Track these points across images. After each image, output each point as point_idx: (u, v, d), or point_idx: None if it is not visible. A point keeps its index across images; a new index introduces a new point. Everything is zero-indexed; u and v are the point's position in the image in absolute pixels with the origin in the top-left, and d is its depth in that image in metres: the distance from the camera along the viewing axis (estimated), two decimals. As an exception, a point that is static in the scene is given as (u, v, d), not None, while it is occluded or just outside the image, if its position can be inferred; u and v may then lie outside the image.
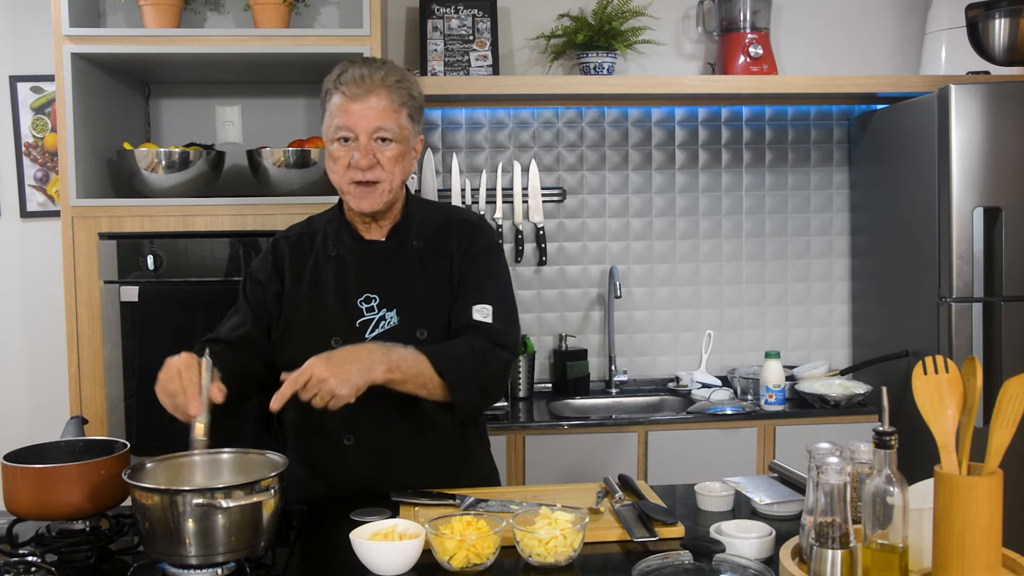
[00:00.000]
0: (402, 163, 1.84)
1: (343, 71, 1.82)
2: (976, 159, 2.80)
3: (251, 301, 1.94)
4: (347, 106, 1.79)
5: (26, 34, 3.13)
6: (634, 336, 3.44)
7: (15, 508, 1.56)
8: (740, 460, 2.93)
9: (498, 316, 1.86)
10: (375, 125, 1.80)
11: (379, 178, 1.82)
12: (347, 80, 1.80)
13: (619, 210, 3.41)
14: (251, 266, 2.01)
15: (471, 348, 1.80)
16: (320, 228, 1.97)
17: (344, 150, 1.81)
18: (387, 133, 1.81)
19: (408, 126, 1.85)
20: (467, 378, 1.77)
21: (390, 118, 1.80)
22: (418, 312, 1.87)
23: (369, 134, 1.80)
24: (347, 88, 1.80)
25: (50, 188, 3.18)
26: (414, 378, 1.72)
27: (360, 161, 1.79)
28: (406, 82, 1.84)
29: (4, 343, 3.21)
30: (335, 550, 1.54)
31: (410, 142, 1.87)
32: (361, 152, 1.79)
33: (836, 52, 3.47)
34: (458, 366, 1.76)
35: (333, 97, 1.82)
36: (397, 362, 1.69)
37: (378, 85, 1.80)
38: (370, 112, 1.79)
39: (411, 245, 1.92)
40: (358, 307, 1.87)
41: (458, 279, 1.89)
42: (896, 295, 3.16)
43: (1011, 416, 1.23)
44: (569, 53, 3.27)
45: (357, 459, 1.86)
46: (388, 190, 1.84)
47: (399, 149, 1.83)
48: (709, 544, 1.40)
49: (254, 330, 1.91)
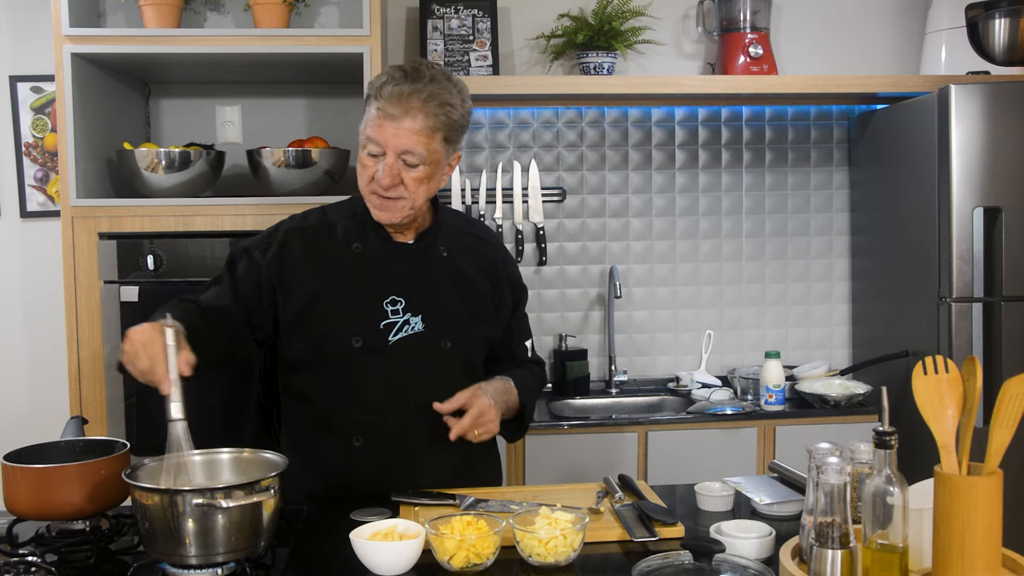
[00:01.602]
0: (428, 184, 1.79)
1: (386, 81, 1.74)
2: (976, 159, 2.80)
3: (239, 278, 1.85)
4: (381, 122, 1.73)
5: (26, 34, 3.13)
6: (634, 336, 3.44)
7: (15, 508, 1.56)
8: (740, 460, 2.93)
9: (533, 348, 2.11)
10: (404, 148, 1.73)
11: (401, 195, 1.78)
12: (387, 95, 1.72)
13: (619, 210, 3.41)
14: (247, 242, 1.91)
15: (536, 380, 2.06)
16: (339, 221, 1.90)
17: (372, 161, 1.77)
18: (415, 159, 1.74)
19: (440, 149, 1.78)
20: (534, 406, 2.05)
21: (420, 143, 1.74)
22: (444, 322, 1.86)
23: (397, 154, 1.74)
24: (384, 103, 1.73)
25: (50, 188, 3.18)
26: (512, 410, 1.93)
27: (383, 179, 1.75)
28: (447, 105, 1.75)
29: (4, 343, 3.21)
30: (335, 550, 1.54)
31: (441, 163, 1.80)
32: (385, 170, 1.74)
33: (836, 52, 3.47)
34: (532, 396, 2.01)
35: (371, 106, 1.76)
36: (507, 398, 1.89)
37: (415, 107, 1.72)
38: (402, 133, 1.72)
39: (439, 252, 1.90)
40: (383, 308, 1.84)
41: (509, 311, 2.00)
42: (896, 295, 3.16)
43: (1011, 416, 1.23)
44: (569, 53, 3.27)
45: (363, 461, 1.85)
46: (410, 207, 1.80)
47: (426, 172, 1.77)
48: (709, 544, 1.40)
49: (232, 307, 1.83)
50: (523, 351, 2.06)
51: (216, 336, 1.77)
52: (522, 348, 2.06)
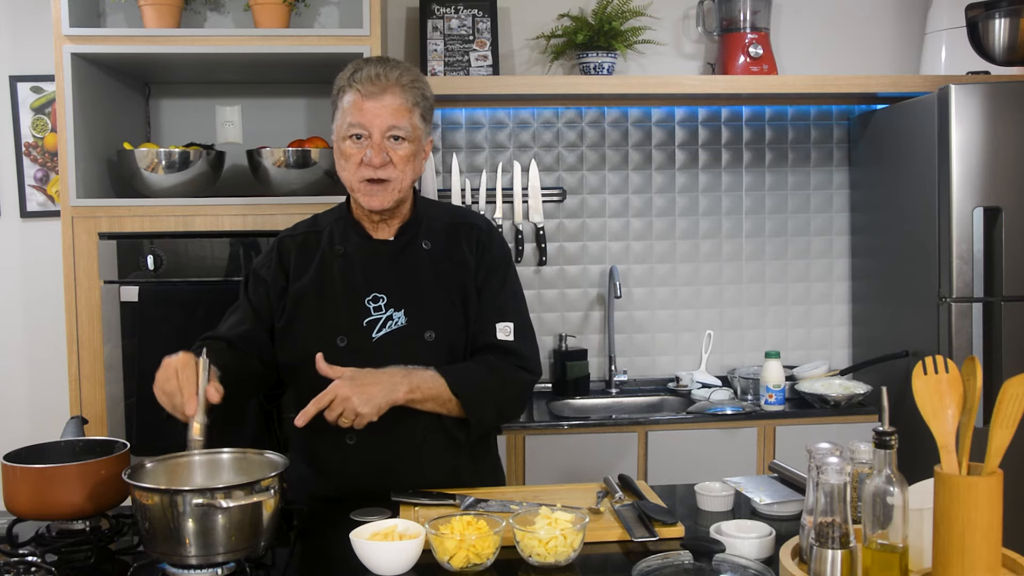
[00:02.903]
0: (413, 163, 1.85)
1: (357, 69, 1.82)
2: (976, 159, 2.80)
3: (253, 299, 1.93)
4: (361, 104, 1.80)
5: (26, 34, 3.13)
6: (634, 336, 3.44)
7: (15, 508, 1.56)
8: (740, 460, 2.93)
9: (519, 336, 1.91)
10: (389, 123, 1.80)
11: (391, 176, 1.82)
12: (362, 78, 1.80)
13: (619, 210, 3.41)
14: (254, 263, 2.01)
15: (491, 369, 1.86)
16: (326, 226, 1.96)
17: (356, 147, 1.82)
18: (400, 132, 1.81)
19: (420, 126, 1.86)
20: (484, 399, 1.83)
21: (404, 117, 1.81)
22: (427, 313, 1.87)
23: (383, 132, 1.80)
24: (362, 86, 1.80)
25: (50, 188, 3.18)
26: (433, 399, 1.79)
27: (373, 159, 1.80)
28: (420, 82, 1.85)
29: (4, 343, 3.21)
30: (335, 550, 1.54)
31: (421, 142, 1.87)
32: (374, 150, 1.80)
33: (836, 52, 3.47)
34: (476, 387, 1.83)
35: (346, 95, 1.82)
36: (418, 383, 1.77)
37: (393, 84, 1.80)
38: (384, 111, 1.80)
39: (420, 246, 1.92)
40: (365, 306, 1.86)
41: (477, 290, 1.90)
42: (896, 295, 3.16)
43: (1011, 416, 1.23)
44: (569, 53, 3.27)
45: (358, 459, 1.85)
46: (399, 189, 1.84)
47: (411, 148, 1.83)
48: (709, 544, 1.40)
49: (254, 329, 1.90)
50: (488, 334, 1.89)
51: (247, 366, 1.84)
52: (489, 331, 1.89)
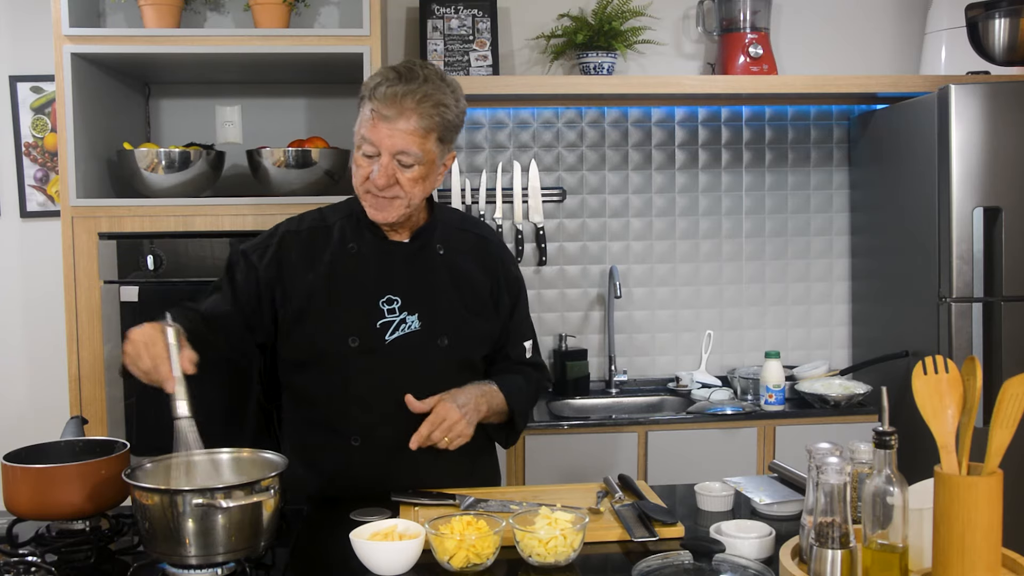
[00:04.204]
0: (423, 183, 1.80)
1: (380, 83, 1.74)
2: (976, 159, 2.80)
3: (238, 284, 1.86)
4: (375, 123, 1.73)
5: (26, 34, 3.13)
6: (634, 336, 3.44)
7: (15, 508, 1.56)
8: (740, 460, 2.93)
9: (535, 349, 2.07)
10: (399, 148, 1.74)
11: (396, 195, 1.78)
12: (380, 96, 1.72)
13: (619, 210, 3.41)
14: (245, 245, 1.91)
15: (530, 383, 2.01)
16: (335, 221, 1.91)
17: (366, 162, 1.77)
18: (410, 159, 1.75)
19: (435, 149, 1.78)
20: (527, 411, 2.02)
21: (415, 143, 1.74)
22: (440, 319, 1.86)
23: (392, 154, 1.74)
24: (378, 104, 1.73)
25: (50, 188, 3.18)
26: (497, 413, 1.90)
27: (378, 180, 1.75)
28: (440, 106, 1.75)
29: (4, 343, 3.21)
30: (335, 550, 1.53)
31: (435, 163, 1.80)
32: (380, 170, 1.75)
33: (836, 52, 3.47)
34: (523, 400, 1.97)
35: (366, 106, 1.76)
36: (489, 400, 1.86)
37: (409, 108, 1.72)
38: (396, 134, 1.73)
39: (435, 250, 1.90)
40: (379, 308, 1.84)
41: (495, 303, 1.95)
42: (896, 295, 3.16)
43: (1011, 416, 1.23)
44: (569, 53, 3.27)
45: (362, 460, 1.85)
46: (406, 206, 1.80)
47: (421, 172, 1.77)
48: (709, 544, 1.40)
49: (231, 314, 1.84)
50: (520, 351, 2.02)
51: (216, 343, 1.78)
52: (519, 348, 2.02)
